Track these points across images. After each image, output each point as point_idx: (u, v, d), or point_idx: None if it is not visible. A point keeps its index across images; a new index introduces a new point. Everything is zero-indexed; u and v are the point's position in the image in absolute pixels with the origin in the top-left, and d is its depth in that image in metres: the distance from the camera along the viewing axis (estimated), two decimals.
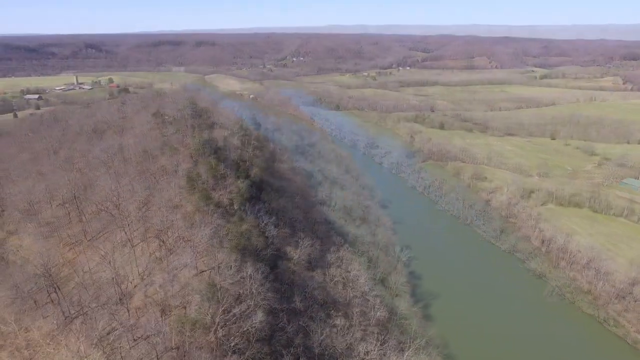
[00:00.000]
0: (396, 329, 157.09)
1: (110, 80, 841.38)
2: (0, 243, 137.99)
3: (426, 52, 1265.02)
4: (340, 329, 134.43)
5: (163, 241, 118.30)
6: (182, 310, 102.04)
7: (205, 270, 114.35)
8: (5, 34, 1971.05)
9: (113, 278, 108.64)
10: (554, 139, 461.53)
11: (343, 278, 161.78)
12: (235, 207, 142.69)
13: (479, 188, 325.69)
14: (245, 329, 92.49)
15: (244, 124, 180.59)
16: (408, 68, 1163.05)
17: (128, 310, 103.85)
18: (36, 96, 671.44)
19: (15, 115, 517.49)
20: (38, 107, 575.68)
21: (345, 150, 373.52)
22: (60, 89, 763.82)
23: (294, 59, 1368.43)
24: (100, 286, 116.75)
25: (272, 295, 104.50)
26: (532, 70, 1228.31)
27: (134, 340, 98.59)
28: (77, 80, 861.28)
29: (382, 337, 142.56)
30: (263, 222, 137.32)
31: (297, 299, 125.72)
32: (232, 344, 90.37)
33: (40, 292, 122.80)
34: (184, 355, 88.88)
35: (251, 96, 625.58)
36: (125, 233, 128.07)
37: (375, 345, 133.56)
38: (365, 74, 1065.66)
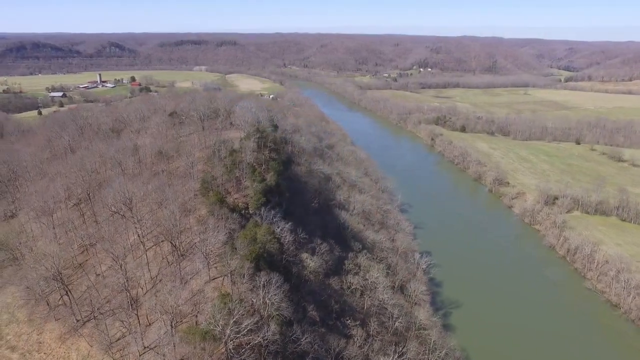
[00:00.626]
0: (415, 340, 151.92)
1: (132, 79, 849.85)
2: (14, 243, 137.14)
3: (448, 53, 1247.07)
4: (357, 339, 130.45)
5: (175, 246, 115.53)
6: (192, 319, 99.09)
7: (218, 277, 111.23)
8: (35, 32, 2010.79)
9: (124, 283, 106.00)
10: (579, 143, 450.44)
11: (361, 286, 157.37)
12: (250, 211, 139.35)
13: (501, 193, 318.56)
14: (256, 341, 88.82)
15: (261, 125, 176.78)
16: (429, 70, 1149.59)
17: (138, 317, 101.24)
18: (60, 94, 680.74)
19: (40, 113, 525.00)
20: (62, 105, 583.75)
21: (364, 152, 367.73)
22: (84, 87, 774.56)
23: (314, 58, 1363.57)
24: (111, 290, 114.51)
25: (286, 305, 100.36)
26: (557, 73, 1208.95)
27: (144, 348, 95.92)
28: (100, 78, 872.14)
29: (401, 348, 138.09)
30: (278, 227, 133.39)
31: (312, 309, 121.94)
32: (243, 357, 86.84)
33: (53, 294, 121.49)
34: None
35: (271, 96, 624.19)
36: (138, 236, 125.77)
37: (393, 357, 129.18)
38: (386, 75, 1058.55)
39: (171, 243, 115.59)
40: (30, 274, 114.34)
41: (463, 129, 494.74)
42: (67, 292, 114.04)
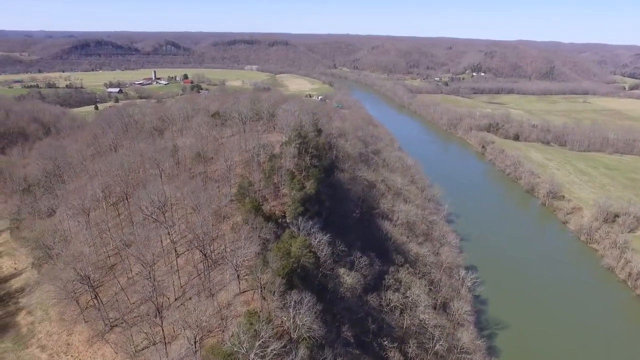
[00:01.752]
0: None
1: (185, 77, 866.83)
2: (50, 241, 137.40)
3: (502, 58, 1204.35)
4: None
5: (205, 255, 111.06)
6: (219, 334, 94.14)
7: (248, 291, 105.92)
8: (99, 31, 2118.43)
9: (151, 291, 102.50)
10: None
11: (401, 304, 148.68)
12: (287, 220, 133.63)
13: (555, 207, 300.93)
14: None
15: (303, 130, 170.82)
16: (482, 74, 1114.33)
17: (162, 329, 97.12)
18: (117, 89, 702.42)
19: (96, 108, 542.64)
20: (117, 100, 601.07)
21: (411, 158, 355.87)
22: (139, 83, 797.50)
23: (365, 60, 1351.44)
24: (140, 296, 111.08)
25: (318, 327, 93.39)
26: (620, 81, 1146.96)
27: None
28: (155, 75, 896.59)
29: None
30: (316, 239, 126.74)
31: (347, 328, 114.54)
32: None
33: (84, 294, 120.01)
34: None
35: (320, 97, 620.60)
36: (171, 241, 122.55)
37: None
38: (437, 78, 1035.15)
39: (201, 252, 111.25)
40: (61, 274, 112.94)
41: (516, 137, 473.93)
42: (95, 295, 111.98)
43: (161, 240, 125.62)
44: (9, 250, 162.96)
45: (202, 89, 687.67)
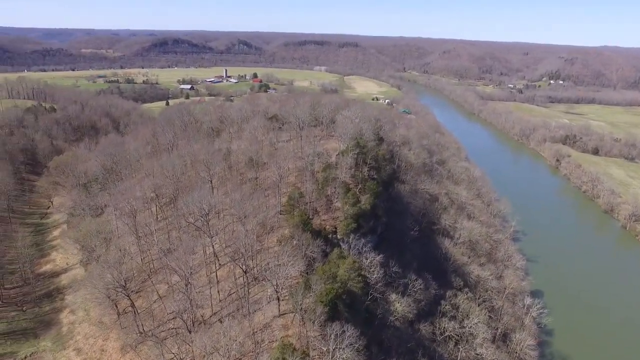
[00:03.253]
0: None
1: (254, 75, 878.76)
2: (94, 243, 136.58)
3: (584, 65, 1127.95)
4: None
5: (245, 272, 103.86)
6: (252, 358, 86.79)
7: (287, 313, 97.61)
8: (177, 29, 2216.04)
9: (187, 304, 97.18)
10: None
11: (456, 334, 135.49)
12: (338, 236, 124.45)
13: (638, 232, 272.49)
14: None
15: (362, 140, 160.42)
16: (561, 82, 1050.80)
17: (192, 350, 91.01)
18: (189, 86, 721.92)
19: (167, 103, 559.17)
20: (187, 97, 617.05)
21: (479, 169, 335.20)
22: (210, 81, 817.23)
23: (436, 64, 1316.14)
24: (178, 306, 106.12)
25: None
26: None
27: None
28: (225, 73, 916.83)
29: None
30: (367, 259, 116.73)
31: None
32: None
33: (124, 299, 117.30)
34: None
35: (387, 101, 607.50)
36: (213, 251, 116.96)
37: None
38: (511, 85, 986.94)
39: (242, 266, 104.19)
40: (99, 279, 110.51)
41: (595, 152, 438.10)
42: (131, 304, 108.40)
43: (204, 250, 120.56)
44: (64, 245, 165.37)
45: (269, 88, 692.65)
